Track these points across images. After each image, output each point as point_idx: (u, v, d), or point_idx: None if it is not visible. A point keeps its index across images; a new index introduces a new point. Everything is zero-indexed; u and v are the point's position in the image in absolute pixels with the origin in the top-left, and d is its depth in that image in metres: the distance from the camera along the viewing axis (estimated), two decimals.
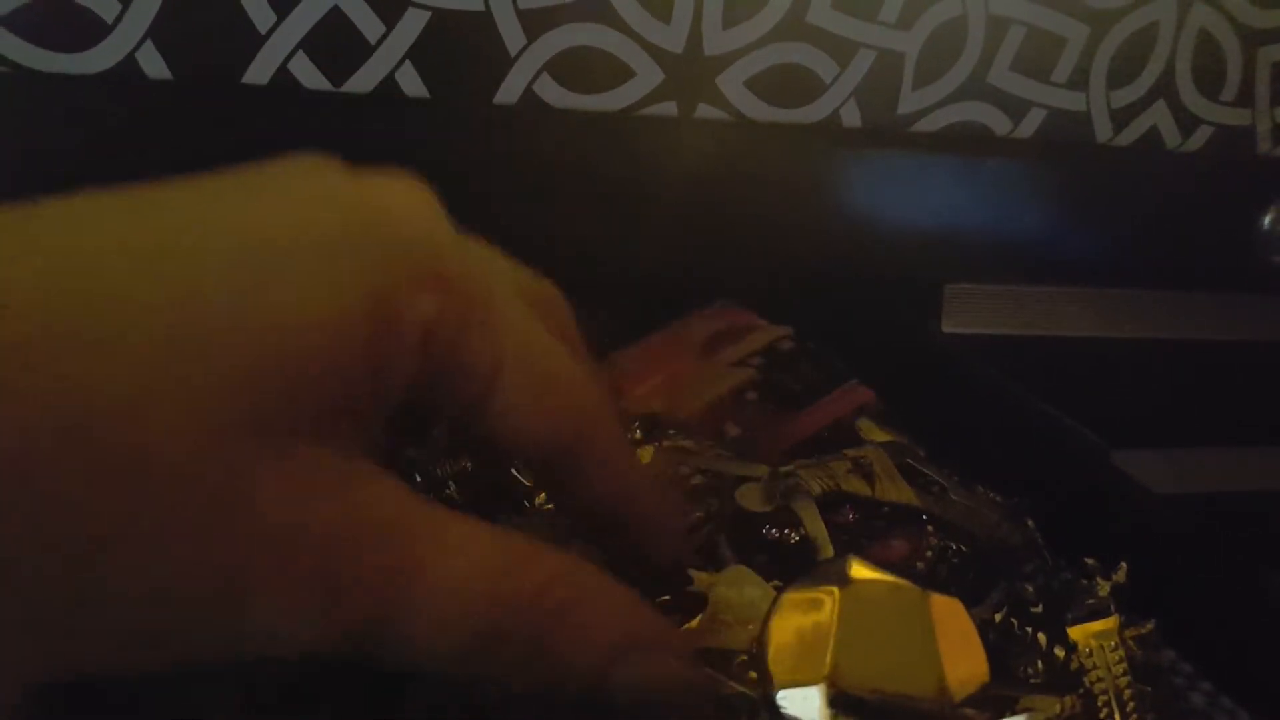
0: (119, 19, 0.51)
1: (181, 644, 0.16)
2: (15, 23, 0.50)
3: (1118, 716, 0.30)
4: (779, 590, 0.27)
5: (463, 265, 0.19)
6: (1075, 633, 0.31)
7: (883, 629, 0.24)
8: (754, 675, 0.25)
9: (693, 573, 0.29)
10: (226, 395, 0.15)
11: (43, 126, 0.52)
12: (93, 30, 0.51)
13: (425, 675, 0.26)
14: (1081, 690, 0.30)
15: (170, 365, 0.15)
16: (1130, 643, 0.32)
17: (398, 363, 0.17)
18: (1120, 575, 0.33)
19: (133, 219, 0.17)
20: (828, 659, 0.23)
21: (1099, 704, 0.30)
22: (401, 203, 0.19)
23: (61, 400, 0.14)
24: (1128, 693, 0.30)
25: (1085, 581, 0.33)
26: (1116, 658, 0.31)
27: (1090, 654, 0.31)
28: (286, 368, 0.16)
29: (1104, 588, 0.33)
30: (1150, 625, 0.32)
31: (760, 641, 0.24)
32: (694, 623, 0.29)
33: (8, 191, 0.55)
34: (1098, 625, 0.31)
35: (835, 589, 0.24)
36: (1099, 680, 0.30)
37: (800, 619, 0.24)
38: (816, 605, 0.24)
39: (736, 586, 0.30)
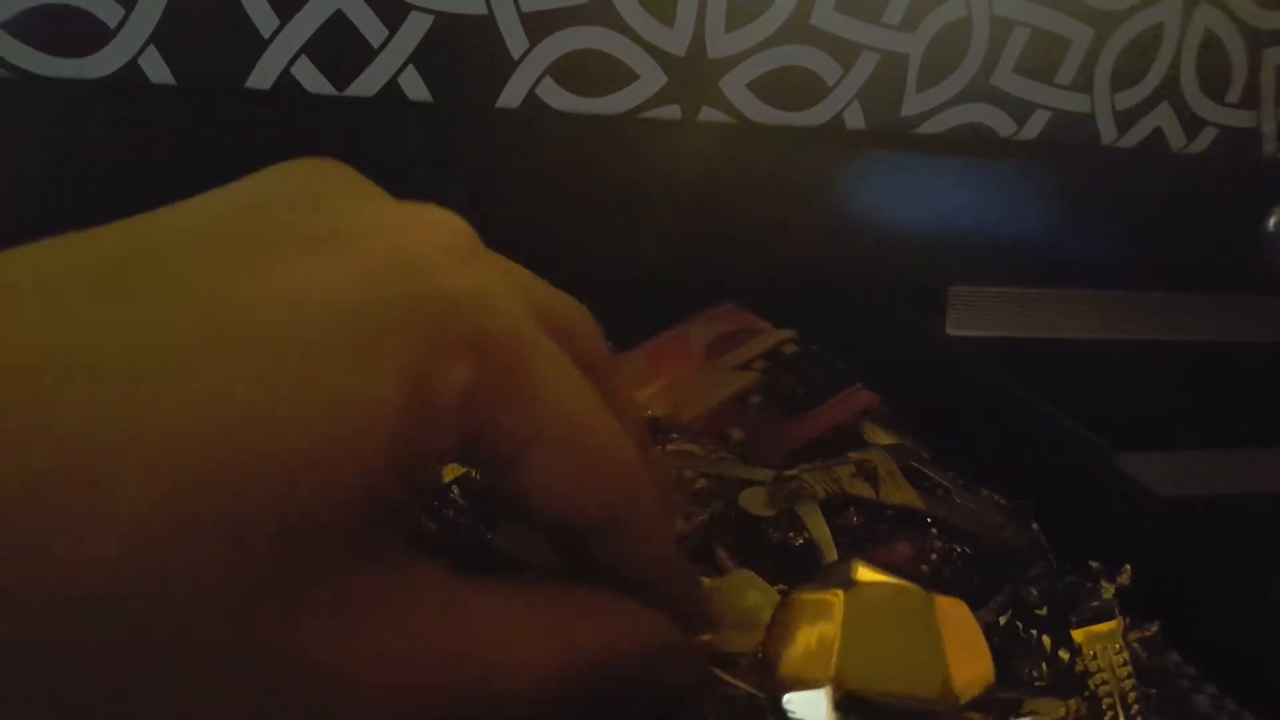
0: (122, 24, 0.51)
1: None
2: (18, 27, 0.50)
3: (1122, 719, 0.30)
4: (783, 594, 0.27)
5: (505, 321, 0.17)
6: (1079, 635, 0.31)
7: (888, 631, 0.24)
8: (758, 679, 0.25)
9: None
10: (251, 543, 0.13)
11: (46, 131, 0.52)
12: (96, 35, 0.51)
13: None
14: (1086, 693, 0.30)
15: (179, 520, 0.13)
16: (1135, 645, 0.31)
17: (435, 442, 0.16)
18: (1125, 578, 0.33)
19: (117, 280, 0.14)
20: (833, 661, 0.23)
21: (1103, 706, 0.30)
22: (438, 247, 0.16)
23: (67, 570, 0.12)
24: (1132, 695, 0.30)
25: (1090, 585, 0.33)
26: (1121, 660, 0.31)
27: (1094, 656, 0.31)
28: (316, 494, 0.14)
29: (1108, 590, 0.33)
30: (1155, 628, 0.32)
31: (766, 644, 0.24)
32: None
33: (11, 196, 0.55)
34: (1102, 628, 0.31)
35: (840, 591, 0.24)
36: (1103, 683, 0.30)
37: (805, 622, 0.24)
38: (822, 608, 0.24)
39: (740, 591, 0.30)
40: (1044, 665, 0.32)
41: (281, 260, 0.15)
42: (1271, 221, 0.69)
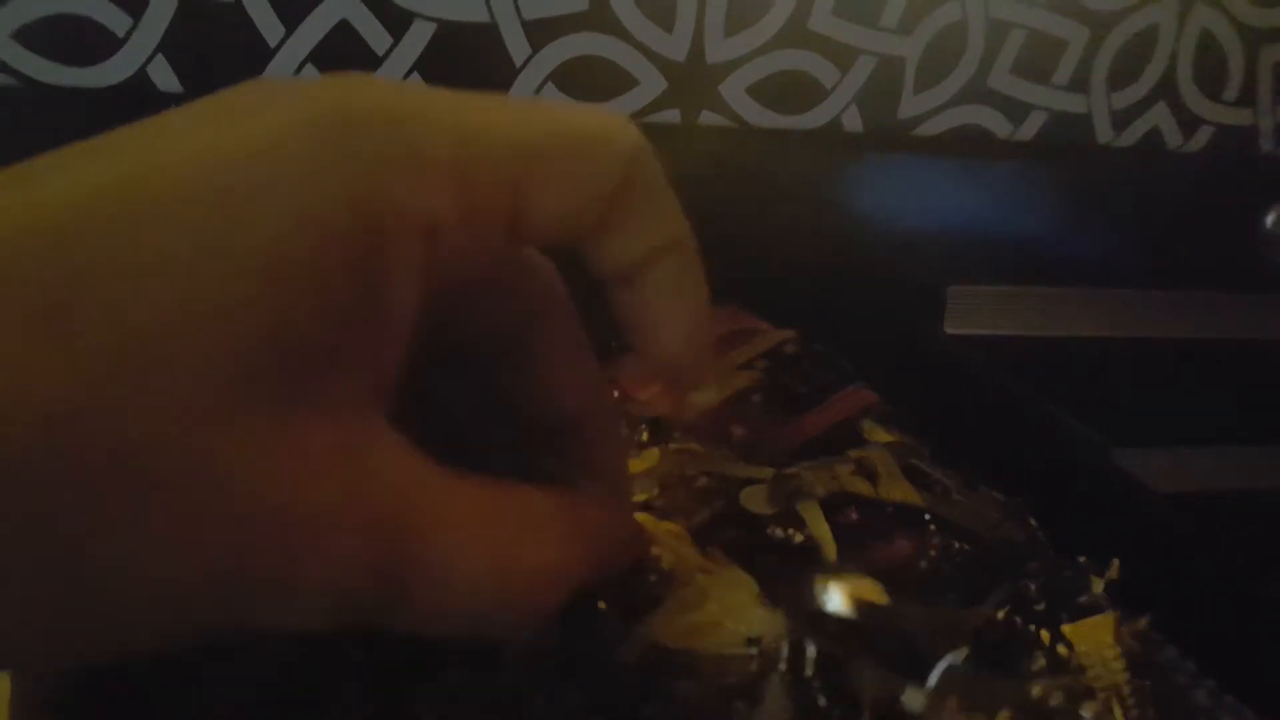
0: (130, 33, 0.52)
1: (183, 627, 0.15)
2: (27, 37, 0.51)
3: (1118, 712, 0.30)
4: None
5: (458, 143, 0.16)
6: (1070, 631, 0.32)
7: None
8: None
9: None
10: (206, 368, 0.14)
11: (54, 140, 0.53)
12: (104, 44, 0.52)
13: (436, 674, 0.27)
14: (1083, 689, 0.31)
15: (140, 347, 0.13)
16: (1127, 638, 0.32)
17: (400, 283, 0.15)
18: (1113, 572, 0.34)
19: (78, 164, 0.15)
20: None
21: (1098, 700, 0.30)
22: (363, 92, 0.16)
23: (36, 391, 0.13)
24: (1126, 689, 0.30)
25: (1079, 580, 0.34)
26: (1114, 654, 0.31)
27: (1087, 652, 0.31)
28: (268, 324, 0.14)
29: (1098, 585, 0.34)
30: (1145, 620, 0.33)
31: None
32: (694, 618, 0.30)
33: None
34: (1092, 622, 0.32)
35: None
36: (1097, 678, 0.31)
37: None
38: None
39: (729, 588, 0.31)
40: (1043, 660, 0.32)
41: (203, 128, 0.15)
42: (1269, 219, 0.69)
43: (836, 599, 0.30)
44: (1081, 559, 0.34)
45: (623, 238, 0.18)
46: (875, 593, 0.31)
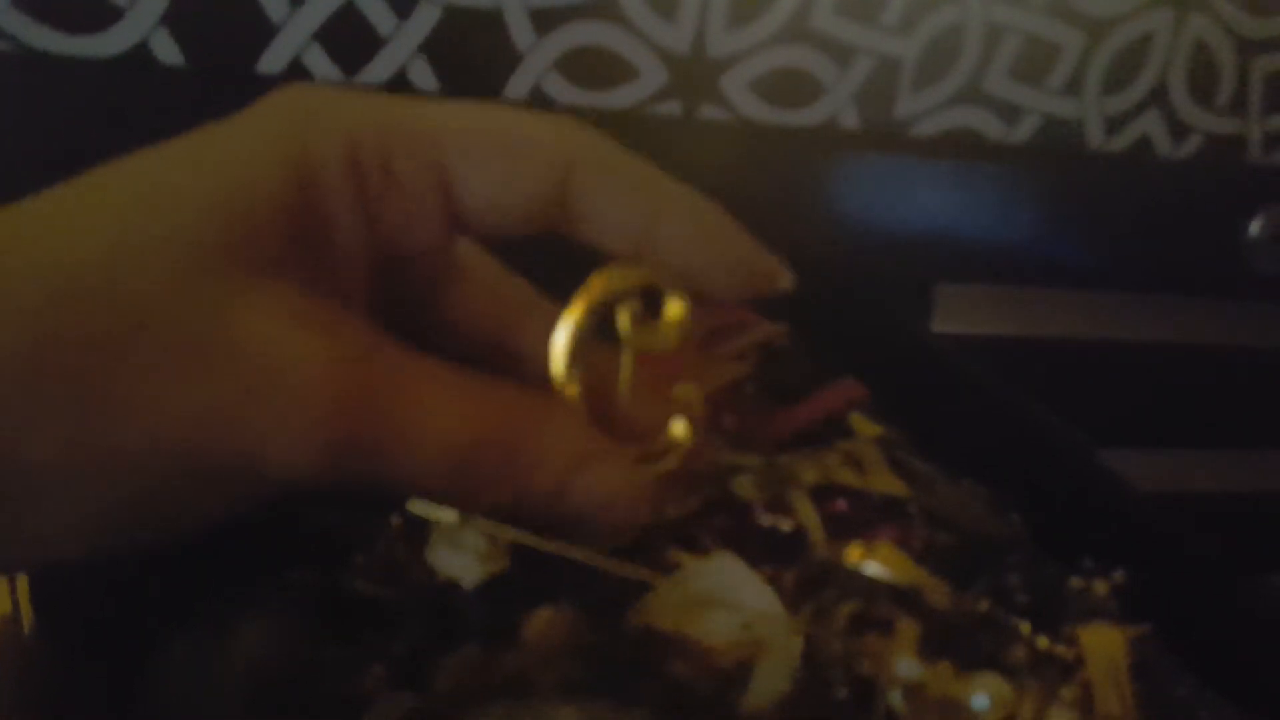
0: (133, 2, 0.52)
1: (183, 495, 0.17)
2: (25, 2, 0.50)
3: (1097, 700, 0.31)
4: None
5: (364, 111, 0.19)
6: (1085, 635, 0.32)
7: None
8: None
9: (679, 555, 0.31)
10: (189, 241, 0.17)
11: (51, 109, 0.52)
12: (105, 13, 0.52)
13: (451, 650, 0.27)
14: (1076, 683, 0.31)
15: (136, 223, 0.17)
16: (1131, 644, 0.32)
17: (342, 224, 0.19)
18: (1119, 578, 0.34)
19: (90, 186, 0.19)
20: None
21: (1098, 697, 0.31)
22: (307, 93, 0.20)
23: (44, 271, 0.16)
24: (1129, 689, 0.31)
25: (1082, 581, 0.34)
26: (1122, 654, 0.32)
27: (1097, 658, 0.32)
28: (236, 215, 0.18)
29: (1102, 587, 0.34)
30: (1147, 628, 0.33)
31: None
32: (686, 601, 0.30)
33: (14, 171, 0.56)
34: (1109, 631, 0.32)
35: None
36: (1100, 675, 0.31)
37: None
38: None
39: (722, 573, 0.32)
40: (1024, 651, 0.33)
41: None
42: (1255, 226, 0.70)
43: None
44: (1090, 564, 0.35)
45: (600, 222, 0.21)
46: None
